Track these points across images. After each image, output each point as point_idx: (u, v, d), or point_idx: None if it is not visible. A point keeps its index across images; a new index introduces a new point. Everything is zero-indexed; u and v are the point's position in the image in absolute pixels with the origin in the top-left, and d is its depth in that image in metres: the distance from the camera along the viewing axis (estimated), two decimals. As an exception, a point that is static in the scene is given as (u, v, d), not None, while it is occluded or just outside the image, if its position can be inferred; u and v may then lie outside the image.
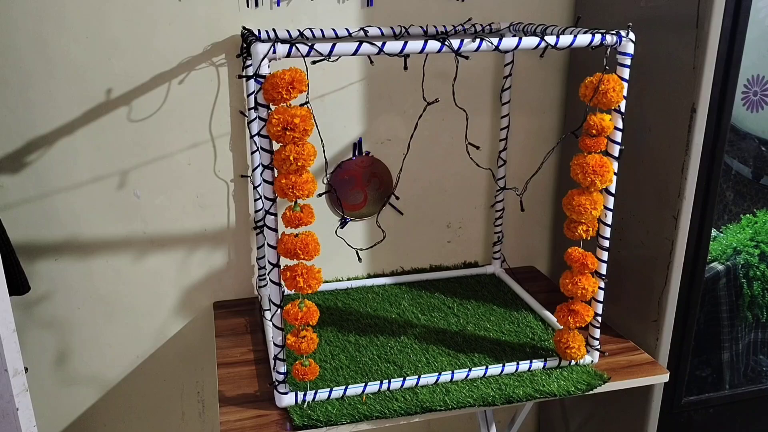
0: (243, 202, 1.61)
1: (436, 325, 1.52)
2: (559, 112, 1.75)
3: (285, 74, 1.03)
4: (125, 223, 1.56)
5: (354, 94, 1.59)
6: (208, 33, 1.45)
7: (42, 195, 1.48)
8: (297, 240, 1.13)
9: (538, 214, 1.85)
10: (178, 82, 1.47)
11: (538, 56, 1.19)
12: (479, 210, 1.79)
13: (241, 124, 1.54)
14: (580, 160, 1.20)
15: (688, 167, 1.29)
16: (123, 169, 1.51)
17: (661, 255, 1.40)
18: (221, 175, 1.58)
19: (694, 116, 1.26)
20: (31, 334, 1.58)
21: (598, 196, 1.21)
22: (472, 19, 1.58)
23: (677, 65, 1.29)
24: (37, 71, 1.39)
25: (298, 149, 1.07)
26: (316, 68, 1.27)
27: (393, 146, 1.64)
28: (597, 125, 1.17)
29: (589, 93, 1.16)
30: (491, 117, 1.70)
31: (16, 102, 1.40)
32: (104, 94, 1.44)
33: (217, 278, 1.66)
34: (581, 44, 1.14)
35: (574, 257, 1.26)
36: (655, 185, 1.39)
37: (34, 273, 1.52)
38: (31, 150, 1.45)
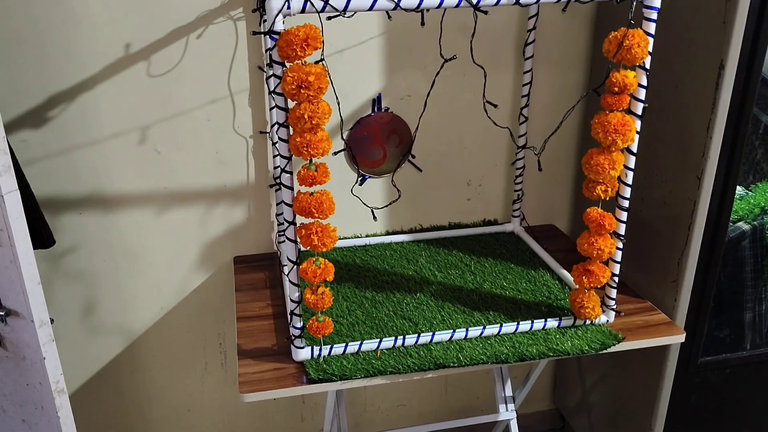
0: (262, 158, 1.62)
1: (452, 282, 1.53)
2: (585, 68, 1.70)
3: (299, 31, 1.02)
4: (147, 179, 1.58)
5: (373, 48, 1.56)
6: (225, -14, 1.43)
7: (64, 150, 1.50)
8: (312, 199, 1.14)
9: (560, 173, 1.82)
10: (196, 36, 1.46)
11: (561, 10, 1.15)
12: (500, 167, 1.77)
13: (260, 79, 1.53)
14: (602, 118, 1.17)
15: (713, 126, 1.26)
16: (143, 124, 1.52)
17: (683, 215, 1.38)
18: (240, 131, 1.58)
19: (722, 73, 1.22)
20: (57, 285, 1.62)
21: (618, 156, 1.19)
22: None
23: (706, 19, 1.24)
24: (55, 26, 1.39)
25: (312, 107, 1.06)
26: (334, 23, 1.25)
27: (413, 102, 1.62)
28: (620, 82, 1.14)
29: (613, 48, 1.12)
30: (514, 72, 1.66)
31: (35, 58, 1.41)
32: (123, 49, 1.44)
33: (237, 233, 1.68)
34: (605, -2, 1.10)
35: (592, 217, 1.25)
36: (679, 144, 1.36)
37: (59, 226, 1.56)
38: (53, 105, 1.46)
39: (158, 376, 1.80)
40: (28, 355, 1.19)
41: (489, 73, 1.46)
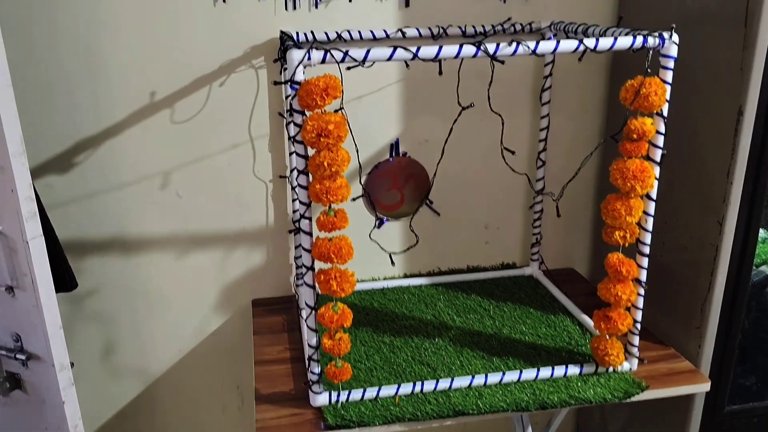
0: (281, 202, 1.64)
1: (471, 327, 1.51)
2: (602, 113, 1.71)
3: (319, 81, 1.04)
4: (168, 222, 1.60)
5: (391, 95, 1.59)
6: (248, 36, 1.47)
7: (89, 194, 1.53)
8: (331, 244, 1.14)
9: (578, 216, 1.81)
10: (218, 84, 1.50)
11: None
12: (518, 211, 1.77)
13: (280, 125, 1.56)
14: (620, 165, 1.17)
15: (734, 172, 1.25)
16: (166, 169, 1.55)
17: (705, 260, 1.36)
18: (260, 175, 1.60)
19: (741, 119, 1.22)
20: (78, 328, 1.64)
21: (637, 202, 1.18)
22: (511, 18, 1.55)
23: (724, 66, 1.25)
24: (83, 74, 1.44)
25: (332, 155, 1.08)
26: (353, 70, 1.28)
27: (431, 147, 1.63)
28: (638, 129, 1.14)
29: (630, 96, 1.13)
30: (531, 117, 1.67)
31: (63, 104, 1.45)
32: (148, 96, 1.48)
33: (255, 276, 1.69)
34: (622, 47, 1.11)
35: (612, 264, 1.24)
36: (700, 189, 1.35)
37: (82, 269, 1.58)
38: (78, 151, 1.50)
39: (176, 418, 1.79)
40: (48, 398, 1.20)
41: (506, 118, 1.47)
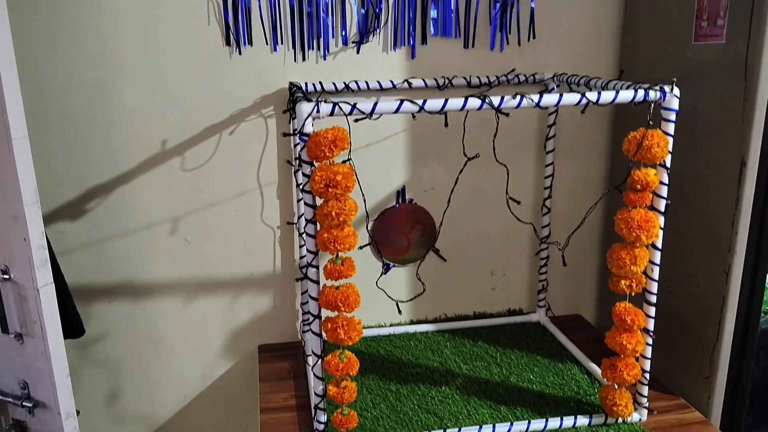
0: (288, 248, 1.65)
1: (478, 375, 1.50)
2: (606, 160, 1.73)
3: (328, 133, 1.07)
4: (176, 268, 1.61)
5: (398, 143, 1.61)
6: (258, 86, 1.51)
7: (99, 240, 1.55)
8: (338, 293, 1.15)
9: (585, 262, 1.82)
10: (228, 132, 1.53)
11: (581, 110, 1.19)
12: (524, 257, 1.78)
13: (288, 172, 1.59)
14: (625, 214, 1.18)
15: (738, 221, 1.26)
16: (175, 215, 1.57)
17: (713, 309, 1.35)
18: (268, 221, 1.62)
19: (743, 170, 1.23)
20: (84, 373, 1.64)
21: (642, 252, 1.19)
22: (515, 69, 1.59)
23: (725, 117, 1.27)
24: (96, 123, 1.47)
25: (339, 205, 1.10)
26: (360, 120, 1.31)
27: (437, 194, 1.65)
28: (641, 180, 1.15)
29: (633, 148, 1.15)
30: (536, 165, 1.69)
31: (77, 152, 1.48)
32: (160, 144, 1.51)
33: (262, 322, 1.69)
34: (624, 100, 1.13)
35: (618, 313, 1.24)
36: (705, 239, 1.36)
37: (90, 315, 1.59)
38: (90, 198, 1.52)
39: (179, 468, 1.77)
40: (52, 448, 1.19)
41: (511, 166, 1.50)
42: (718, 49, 1.27)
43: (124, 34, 1.42)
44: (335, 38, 1.50)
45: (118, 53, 1.44)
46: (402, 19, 1.51)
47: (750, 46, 1.19)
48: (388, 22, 1.51)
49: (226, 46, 1.47)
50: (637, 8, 1.56)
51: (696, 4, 1.32)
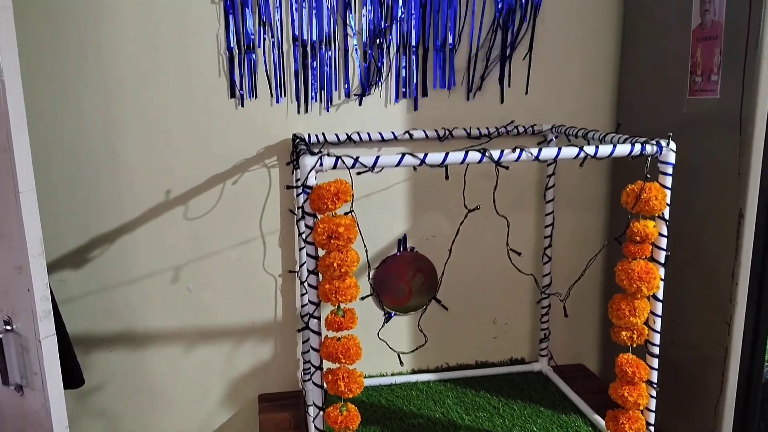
0: (290, 297, 1.65)
1: (481, 425, 1.48)
2: (605, 210, 1.74)
3: (330, 186, 1.08)
4: (177, 316, 1.61)
5: (399, 192, 1.63)
6: (262, 137, 1.53)
7: (101, 289, 1.56)
8: (339, 344, 1.15)
9: (586, 311, 1.81)
10: (232, 182, 1.55)
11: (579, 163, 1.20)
12: (525, 305, 1.77)
13: (291, 221, 1.60)
14: (625, 266, 1.19)
15: (738, 273, 1.26)
16: (177, 264, 1.58)
17: (716, 360, 1.35)
18: (270, 270, 1.62)
19: (742, 221, 1.24)
20: (83, 423, 1.62)
21: (643, 303, 1.19)
22: (514, 121, 1.62)
23: (722, 170, 1.28)
24: (102, 173, 1.49)
25: (342, 256, 1.11)
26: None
27: (438, 242, 1.66)
28: (641, 232, 1.17)
29: (631, 201, 1.16)
30: (536, 213, 1.71)
31: (82, 202, 1.50)
32: (164, 194, 1.53)
33: (263, 371, 1.68)
34: (621, 154, 1.15)
35: (621, 365, 1.23)
36: (706, 289, 1.36)
37: (90, 364, 1.58)
38: (94, 246, 1.53)
39: None
40: (48, 502, 1.17)
41: (511, 214, 1.51)
42: (713, 103, 1.30)
43: (130, 88, 1.46)
44: (338, 91, 1.54)
45: (125, 107, 1.47)
46: (404, 72, 1.55)
47: (744, 100, 1.21)
48: (389, 75, 1.55)
49: (231, 99, 1.50)
50: (631, 63, 1.60)
51: (690, 60, 1.35)
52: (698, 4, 1.32)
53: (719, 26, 1.26)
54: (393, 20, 1.51)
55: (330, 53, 1.50)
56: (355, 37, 1.51)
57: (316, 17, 1.48)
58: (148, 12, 1.43)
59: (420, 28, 1.52)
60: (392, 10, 1.50)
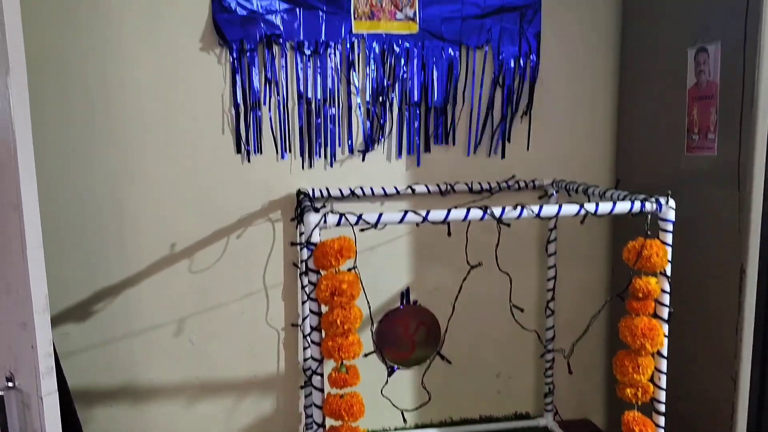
0: (292, 350, 1.64)
1: (485, 484, 1.46)
2: (607, 264, 1.75)
3: (334, 243, 1.09)
4: (179, 369, 1.60)
5: (402, 246, 1.64)
6: (266, 192, 1.56)
7: (104, 342, 1.55)
8: (342, 401, 1.14)
9: (592, 364, 1.80)
10: (236, 236, 1.56)
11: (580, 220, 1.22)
12: (529, 359, 1.76)
13: (294, 274, 1.61)
14: (629, 322, 1.19)
15: (742, 328, 1.26)
16: (180, 317, 1.58)
17: (722, 416, 1.33)
18: (272, 323, 1.62)
19: (744, 277, 1.24)
20: (81, 481, 1.59)
21: (647, 360, 1.19)
22: (515, 175, 1.64)
23: (722, 226, 1.29)
24: (111, 227, 1.51)
25: (345, 313, 1.11)
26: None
27: (441, 295, 1.66)
28: (643, 289, 1.17)
29: (633, 257, 1.17)
30: (538, 267, 1.71)
31: (88, 255, 1.51)
32: (169, 248, 1.54)
33: (264, 424, 1.66)
34: (621, 212, 1.17)
35: (627, 423, 1.22)
36: (711, 345, 1.35)
37: (90, 418, 1.56)
38: (98, 299, 1.54)
39: None
40: None
41: (514, 268, 1.51)
42: (711, 160, 1.32)
43: (137, 144, 1.49)
44: (342, 146, 1.56)
45: (132, 163, 1.50)
46: (407, 128, 1.58)
47: (741, 158, 1.23)
48: (392, 131, 1.58)
49: (236, 154, 1.53)
50: (629, 120, 1.62)
51: (686, 118, 1.38)
52: (693, 65, 1.35)
53: (714, 86, 1.29)
54: (395, 79, 1.55)
55: (334, 110, 1.54)
56: (359, 95, 1.55)
57: (320, 76, 1.52)
58: (157, 72, 1.47)
59: (422, 86, 1.56)
60: (395, 69, 1.54)
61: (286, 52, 1.51)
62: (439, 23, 1.54)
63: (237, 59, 1.48)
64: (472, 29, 1.56)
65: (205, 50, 1.48)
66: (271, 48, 1.49)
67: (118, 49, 1.45)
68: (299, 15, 1.49)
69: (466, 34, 1.56)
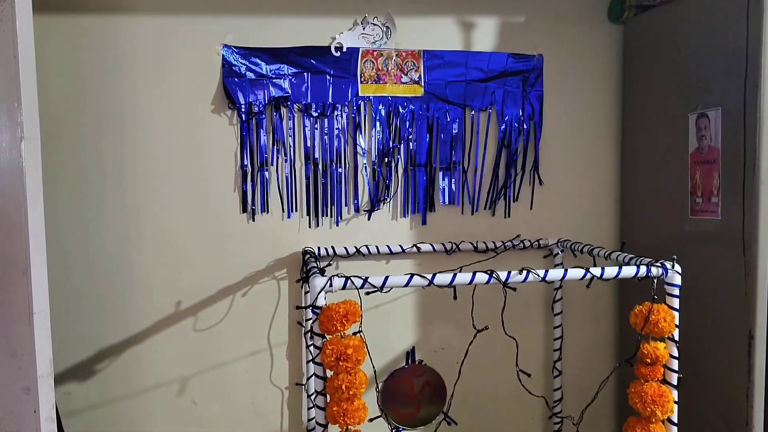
0: (296, 410, 1.62)
1: None
2: (614, 321, 1.73)
3: (340, 307, 1.09)
4: (181, 430, 1.58)
5: (407, 304, 1.64)
6: (272, 250, 1.56)
7: (106, 402, 1.54)
8: (347, 470, 1.12)
9: (601, 428, 1.76)
10: (241, 294, 1.56)
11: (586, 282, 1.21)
12: (537, 421, 1.73)
13: (299, 333, 1.60)
14: (638, 388, 1.18)
15: (753, 395, 1.24)
16: (183, 376, 1.57)
17: (736, 486, 1.30)
18: (276, 382, 1.61)
19: (752, 342, 1.23)
20: None
21: (658, 428, 1.17)
22: (520, 235, 1.65)
23: (729, 289, 1.29)
24: (117, 286, 1.51)
25: (350, 378, 1.10)
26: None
27: (446, 355, 1.65)
28: (651, 354, 1.16)
29: (640, 322, 1.16)
30: (544, 326, 1.70)
31: (92, 314, 1.51)
32: (173, 306, 1.54)
33: (267, 489, 1.63)
34: (627, 276, 1.17)
35: (638, 492, 1.19)
36: (722, 411, 1.33)
37: (89, 481, 1.54)
38: (101, 358, 1.53)
39: None
40: None
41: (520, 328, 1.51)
42: (715, 223, 1.32)
43: (145, 203, 1.51)
44: (348, 206, 1.58)
45: (139, 222, 1.51)
46: (411, 188, 1.59)
47: (745, 222, 1.24)
48: (397, 191, 1.60)
49: (242, 214, 1.54)
50: (633, 182, 1.63)
51: (689, 182, 1.39)
52: (694, 130, 1.37)
53: (716, 151, 1.30)
54: (401, 140, 1.57)
55: (340, 170, 1.56)
56: (365, 155, 1.57)
57: (327, 137, 1.54)
58: (169, 135, 1.50)
59: (427, 147, 1.58)
60: (400, 130, 1.57)
61: (293, 114, 1.54)
62: (443, 86, 1.57)
63: (246, 121, 1.51)
64: (476, 92, 1.59)
65: (217, 112, 1.51)
66: (279, 110, 1.52)
67: (131, 114, 1.48)
68: (307, 79, 1.52)
69: (470, 97, 1.59)
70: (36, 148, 1.10)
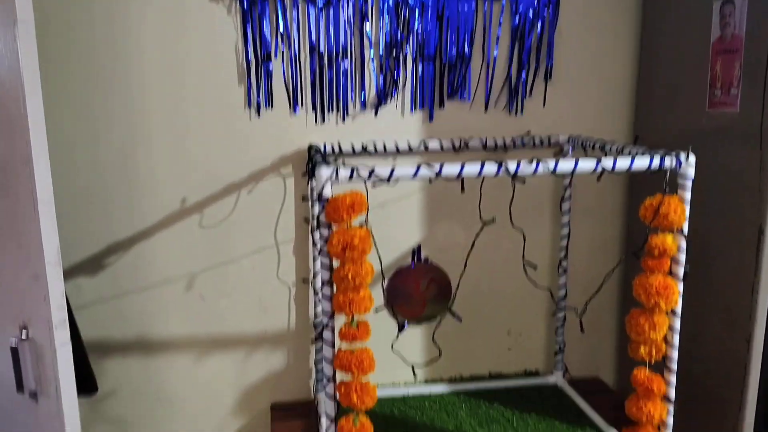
0: (303, 306, 1.65)
1: (494, 439, 1.47)
2: (623, 220, 1.73)
3: (346, 198, 1.08)
4: (190, 324, 1.61)
5: (414, 202, 1.63)
6: (278, 147, 1.54)
7: (115, 296, 1.56)
8: (353, 356, 1.15)
9: (603, 323, 1.79)
10: (247, 192, 1.55)
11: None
12: (540, 317, 1.76)
13: (305, 230, 1.60)
14: (643, 280, 1.18)
15: (758, 290, 1.24)
16: (191, 272, 1.58)
17: (735, 378, 1.33)
18: (283, 278, 1.62)
19: (762, 238, 1.22)
20: (96, 430, 1.62)
21: (661, 318, 1.18)
22: (530, 131, 1.61)
23: (742, 185, 1.27)
24: (122, 182, 1.50)
25: (356, 268, 1.10)
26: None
27: (452, 253, 1.65)
28: (659, 246, 1.15)
29: (650, 215, 1.15)
30: (552, 225, 1.70)
31: (100, 210, 1.51)
32: (179, 203, 1.54)
33: (275, 379, 1.68)
34: (639, 168, 1.14)
35: (639, 380, 1.22)
36: (726, 305, 1.34)
37: (103, 370, 1.59)
38: (110, 253, 1.54)
39: None
40: None
41: (527, 226, 1.50)
42: (733, 117, 1.28)
43: (149, 97, 1.47)
44: (354, 101, 1.54)
45: (144, 117, 1.48)
46: (420, 83, 1.54)
47: (765, 115, 1.20)
48: (405, 86, 1.55)
49: (247, 108, 1.51)
50: (649, 74, 1.58)
51: (709, 73, 1.34)
52: (718, 17, 1.30)
53: (740, 39, 1.25)
54: (410, 32, 1.51)
55: (346, 64, 1.50)
56: (372, 48, 1.51)
57: (333, 28, 1.48)
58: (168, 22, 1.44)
59: (437, 39, 1.52)
60: (409, 21, 1.50)
61: (298, 4, 1.47)
62: (455, -27, 1.49)
63: (247, 11, 1.44)
64: (489, -21, 1.51)
65: (215, 0, 1.45)
66: (283, -1, 1.45)
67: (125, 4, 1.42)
68: (311, -36, 1.44)
69: (482, -15, 1.51)
70: (30, 33, 1.06)
